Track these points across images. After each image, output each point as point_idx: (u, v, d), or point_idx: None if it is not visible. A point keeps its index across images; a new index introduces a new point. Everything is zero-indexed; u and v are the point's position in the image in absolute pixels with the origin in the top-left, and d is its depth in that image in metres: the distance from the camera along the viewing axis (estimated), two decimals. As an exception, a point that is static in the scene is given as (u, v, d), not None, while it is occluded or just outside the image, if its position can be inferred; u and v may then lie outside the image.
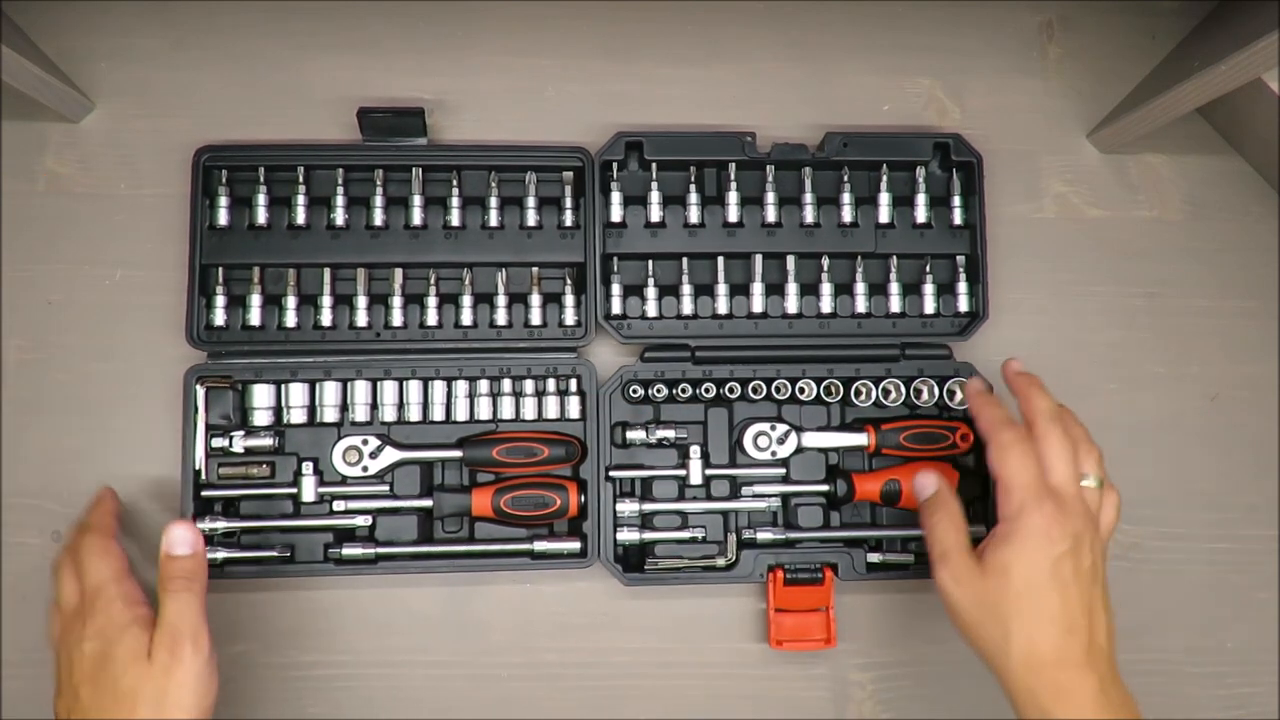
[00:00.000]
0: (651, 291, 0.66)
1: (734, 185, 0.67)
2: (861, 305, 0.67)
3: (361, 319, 0.65)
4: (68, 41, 0.68)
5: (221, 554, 0.62)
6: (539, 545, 0.63)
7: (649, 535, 0.64)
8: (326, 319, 0.65)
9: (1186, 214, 0.72)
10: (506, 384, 0.65)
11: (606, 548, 0.63)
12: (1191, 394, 0.70)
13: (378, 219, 0.65)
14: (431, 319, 0.65)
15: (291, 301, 0.64)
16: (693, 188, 0.67)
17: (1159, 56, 0.70)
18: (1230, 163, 0.72)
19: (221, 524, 0.62)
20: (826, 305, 0.67)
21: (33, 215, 0.67)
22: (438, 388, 0.64)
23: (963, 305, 0.67)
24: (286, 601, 0.65)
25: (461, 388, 0.65)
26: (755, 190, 0.67)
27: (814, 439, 0.66)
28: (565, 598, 0.66)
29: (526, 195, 0.66)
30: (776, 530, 0.64)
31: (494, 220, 0.66)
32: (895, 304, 0.67)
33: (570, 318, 0.66)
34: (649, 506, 0.64)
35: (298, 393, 0.64)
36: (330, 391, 0.64)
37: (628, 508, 0.64)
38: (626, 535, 0.64)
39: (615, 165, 0.66)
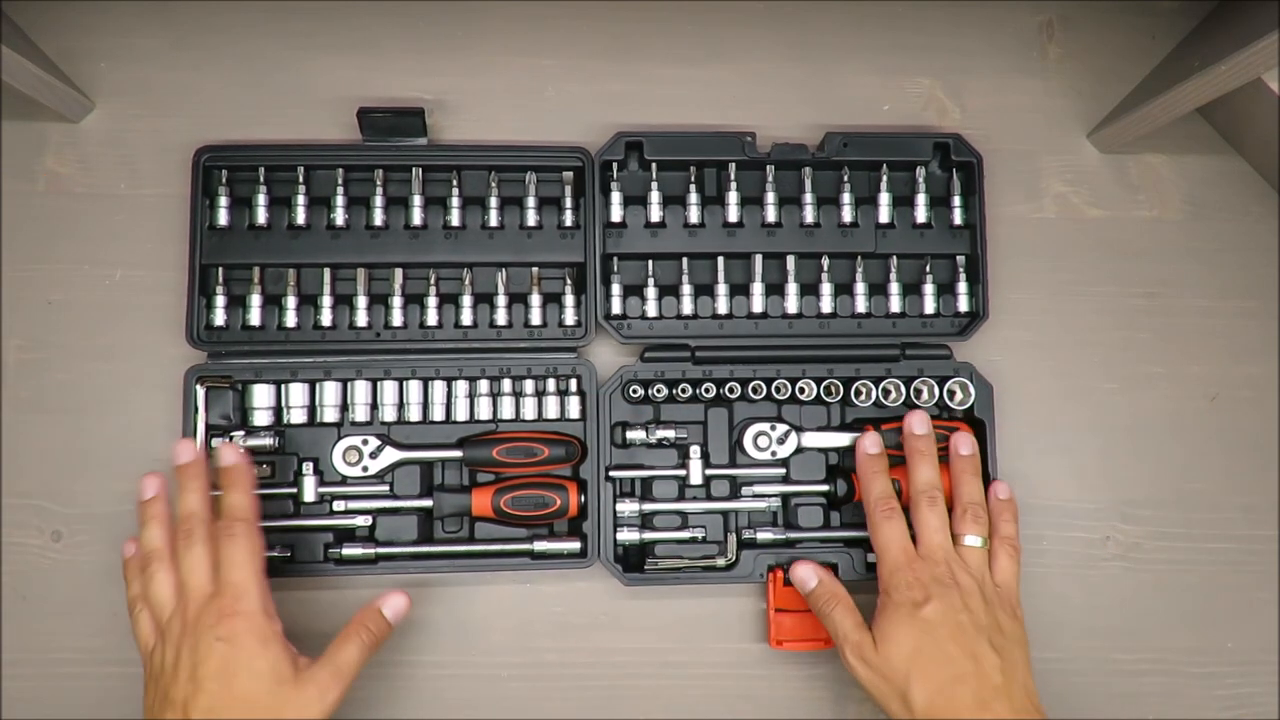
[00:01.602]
0: (651, 291, 0.66)
1: (734, 185, 0.67)
2: (861, 305, 0.67)
3: (361, 319, 0.65)
4: (68, 41, 0.68)
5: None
6: (539, 545, 0.63)
7: (649, 535, 0.64)
8: (326, 319, 0.65)
9: (1186, 214, 0.72)
10: (506, 384, 0.65)
11: (606, 548, 0.63)
12: (1191, 394, 0.70)
13: (378, 219, 0.65)
14: (431, 319, 0.65)
15: (291, 301, 0.64)
16: (692, 188, 0.67)
17: (1159, 56, 0.70)
18: (1230, 163, 0.72)
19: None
20: (826, 305, 0.67)
21: (33, 215, 0.67)
22: (438, 388, 0.64)
23: (963, 305, 0.67)
24: (287, 602, 0.65)
25: (461, 388, 0.65)
26: (755, 190, 0.67)
27: (814, 439, 0.66)
28: (565, 598, 0.66)
29: (526, 195, 0.66)
30: (776, 530, 0.64)
31: (494, 220, 0.66)
32: (895, 304, 0.67)
33: (570, 318, 0.66)
34: (649, 506, 0.64)
35: (298, 393, 0.64)
36: (330, 391, 0.64)
37: (628, 508, 0.64)
38: (626, 535, 0.64)
39: (615, 165, 0.66)
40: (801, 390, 0.65)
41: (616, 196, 0.66)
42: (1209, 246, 0.71)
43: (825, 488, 0.65)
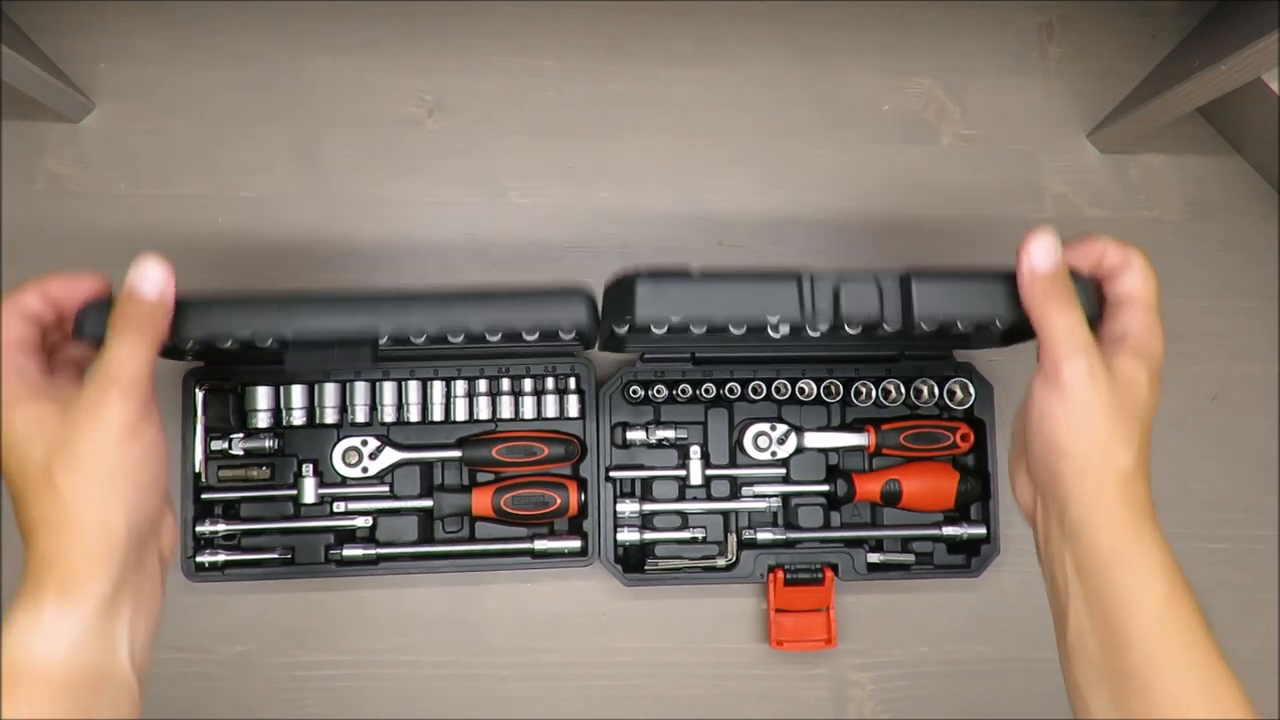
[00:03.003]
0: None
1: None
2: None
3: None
4: (68, 41, 0.68)
5: (222, 556, 0.62)
6: (539, 544, 0.63)
7: (649, 535, 0.64)
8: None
9: (1186, 214, 0.72)
10: (505, 384, 0.65)
11: (607, 548, 0.63)
12: (1191, 394, 0.70)
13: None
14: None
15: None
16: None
17: (1159, 56, 0.70)
18: (1230, 163, 0.72)
19: (222, 526, 0.62)
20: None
21: (33, 215, 0.67)
22: (437, 388, 0.64)
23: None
24: (288, 603, 0.65)
25: (460, 387, 0.64)
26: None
27: (814, 439, 0.65)
28: (565, 597, 0.66)
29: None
30: (777, 530, 0.64)
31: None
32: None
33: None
34: (649, 507, 0.64)
35: (297, 394, 0.64)
36: (329, 393, 0.64)
37: (628, 508, 0.64)
38: (627, 535, 0.64)
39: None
40: (801, 390, 0.65)
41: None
42: (1209, 246, 0.71)
43: (825, 488, 0.65)
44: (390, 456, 0.63)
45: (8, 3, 0.63)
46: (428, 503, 0.63)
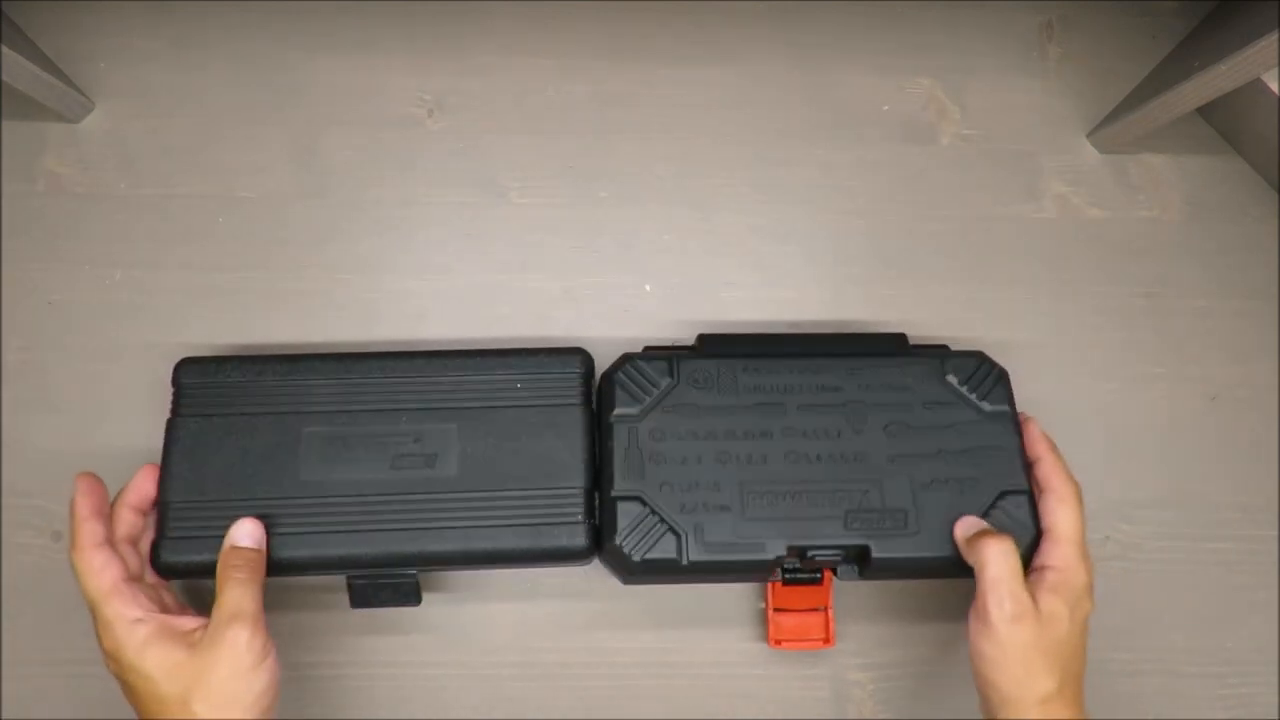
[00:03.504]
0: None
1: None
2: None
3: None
4: (68, 41, 0.68)
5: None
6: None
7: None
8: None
9: (1186, 214, 0.72)
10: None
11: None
12: (1191, 394, 0.70)
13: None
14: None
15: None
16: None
17: (1159, 56, 0.70)
18: (1230, 163, 0.72)
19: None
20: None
21: (33, 215, 0.67)
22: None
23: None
24: (287, 602, 0.65)
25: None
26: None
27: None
28: (565, 599, 0.66)
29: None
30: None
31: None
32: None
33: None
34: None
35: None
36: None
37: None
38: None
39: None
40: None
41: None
42: (1209, 246, 0.71)
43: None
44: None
45: (8, 3, 0.63)
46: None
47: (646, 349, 0.64)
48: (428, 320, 0.67)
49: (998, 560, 0.53)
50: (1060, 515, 0.56)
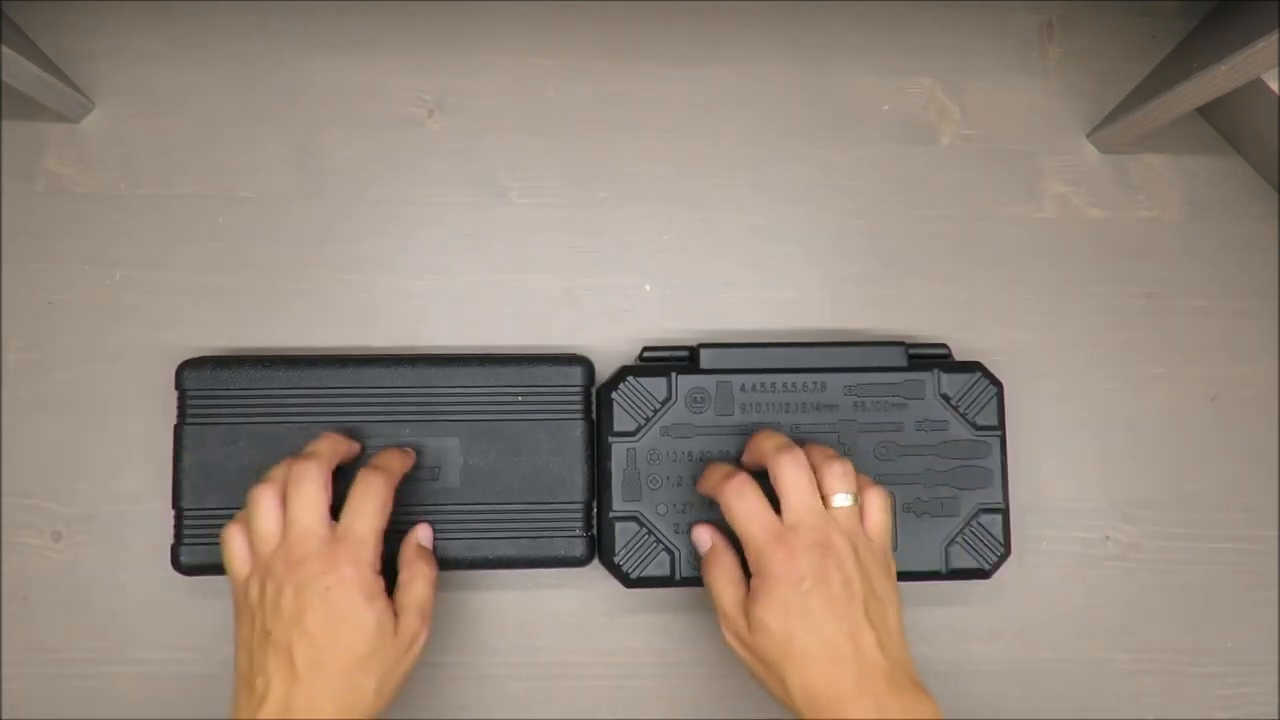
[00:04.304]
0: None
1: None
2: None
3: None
4: (68, 41, 0.68)
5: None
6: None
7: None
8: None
9: (1186, 214, 0.72)
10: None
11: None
12: (1191, 394, 0.70)
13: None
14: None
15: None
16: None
17: (1159, 56, 0.70)
18: (1230, 163, 0.72)
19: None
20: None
21: (33, 215, 0.67)
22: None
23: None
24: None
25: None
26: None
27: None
28: (565, 598, 0.66)
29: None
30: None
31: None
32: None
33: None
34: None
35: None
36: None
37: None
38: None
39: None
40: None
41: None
42: (1209, 246, 0.71)
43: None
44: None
45: (8, 3, 0.63)
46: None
47: (645, 350, 0.64)
48: (427, 320, 0.67)
49: (707, 581, 0.56)
50: (729, 521, 0.54)
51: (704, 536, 0.58)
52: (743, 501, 0.52)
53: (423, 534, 0.59)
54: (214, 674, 0.64)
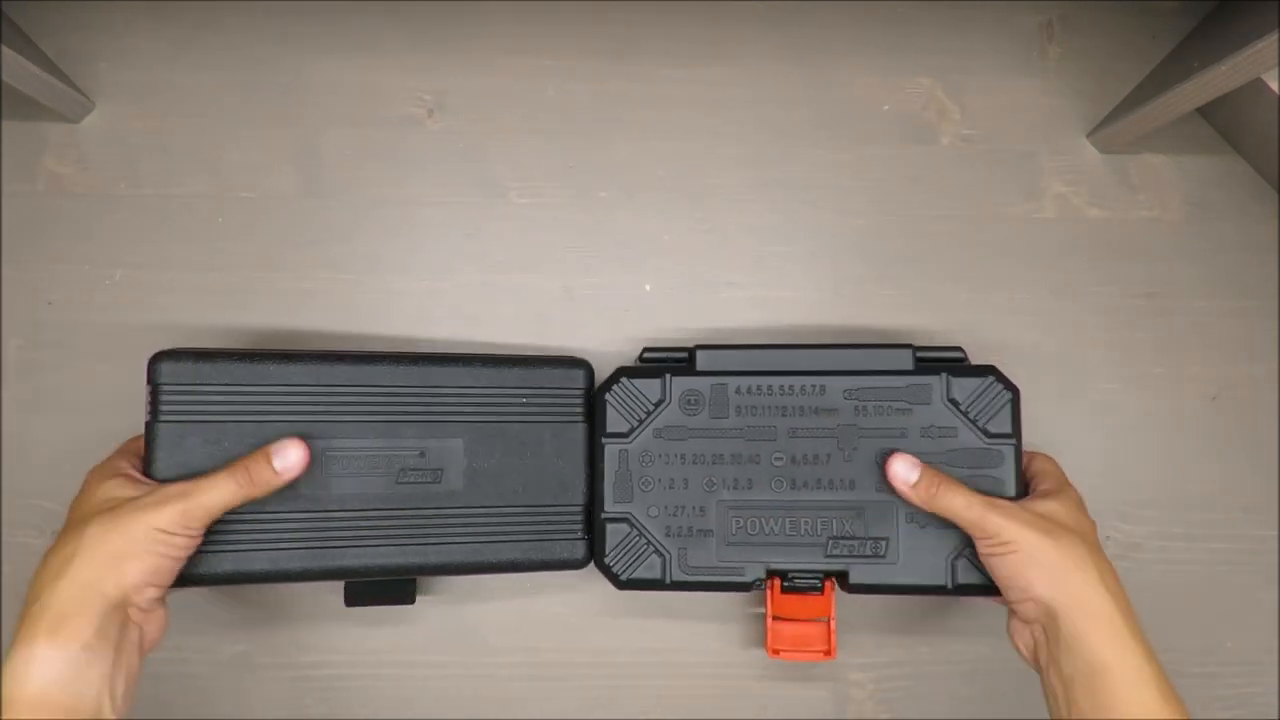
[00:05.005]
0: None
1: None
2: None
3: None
4: (68, 41, 0.68)
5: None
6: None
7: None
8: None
9: (1186, 214, 0.72)
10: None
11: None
12: (1191, 394, 0.70)
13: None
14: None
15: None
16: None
17: (1159, 56, 0.70)
18: (1230, 163, 0.72)
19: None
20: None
21: (33, 215, 0.67)
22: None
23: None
24: (288, 603, 0.65)
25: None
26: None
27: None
28: (565, 598, 0.66)
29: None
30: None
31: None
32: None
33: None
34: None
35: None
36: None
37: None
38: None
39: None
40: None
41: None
42: (1209, 246, 0.71)
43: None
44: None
45: (8, 3, 0.63)
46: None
47: (645, 351, 0.64)
48: (427, 320, 0.67)
49: (953, 496, 0.55)
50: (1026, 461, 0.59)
51: (909, 462, 0.58)
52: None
53: (282, 452, 0.53)
54: (214, 674, 0.64)
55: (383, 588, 0.60)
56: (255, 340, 0.66)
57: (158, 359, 0.55)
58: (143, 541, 0.48)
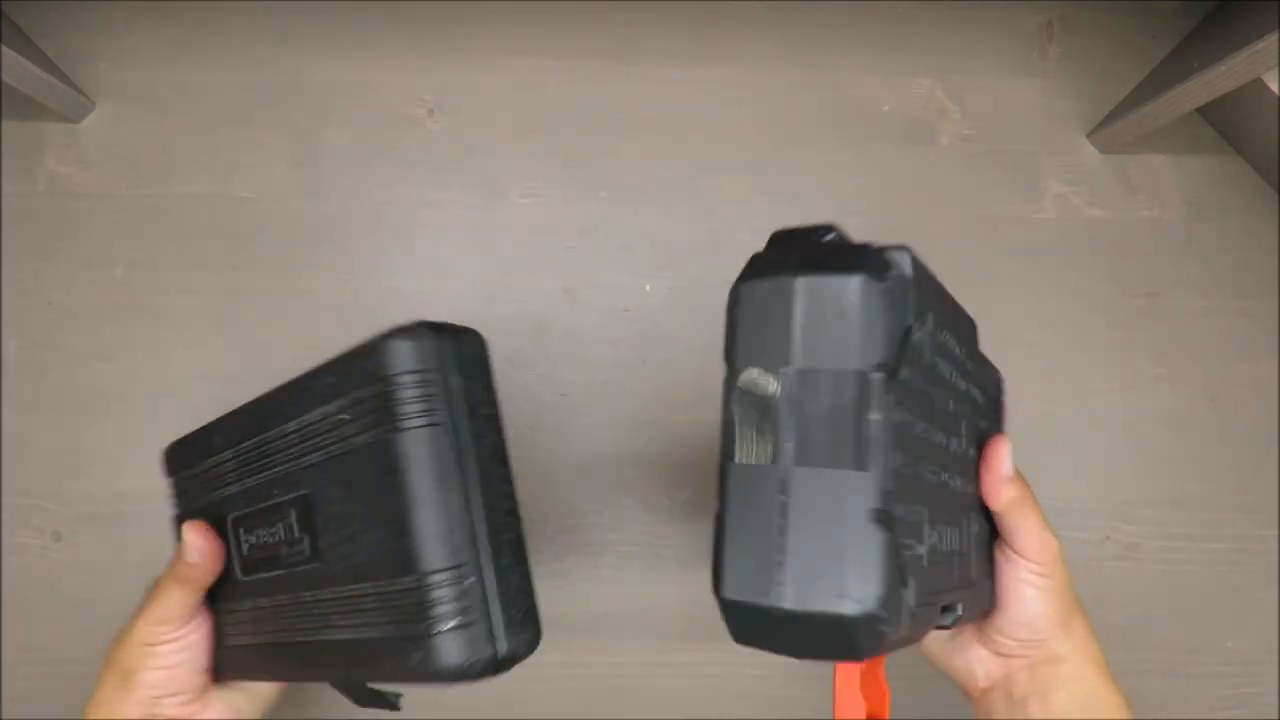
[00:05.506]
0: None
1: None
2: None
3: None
4: (68, 41, 0.68)
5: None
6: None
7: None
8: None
9: (1186, 214, 0.72)
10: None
11: (606, 548, 0.63)
12: (1191, 394, 0.70)
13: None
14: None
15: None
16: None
17: (1159, 56, 0.70)
18: (1230, 163, 0.72)
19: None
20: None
21: (33, 215, 0.67)
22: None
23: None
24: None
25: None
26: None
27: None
28: (566, 598, 0.66)
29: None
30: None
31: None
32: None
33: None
34: (649, 507, 0.64)
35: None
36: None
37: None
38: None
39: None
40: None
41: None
42: (1209, 246, 0.71)
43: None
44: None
45: (8, 3, 0.63)
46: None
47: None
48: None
49: (1032, 514, 0.45)
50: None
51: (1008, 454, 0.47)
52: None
53: (187, 546, 0.48)
54: (214, 674, 0.64)
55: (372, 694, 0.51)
56: (255, 340, 0.66)
57: (168, 451, 0.53)
58: (138, 656, 0.50)
